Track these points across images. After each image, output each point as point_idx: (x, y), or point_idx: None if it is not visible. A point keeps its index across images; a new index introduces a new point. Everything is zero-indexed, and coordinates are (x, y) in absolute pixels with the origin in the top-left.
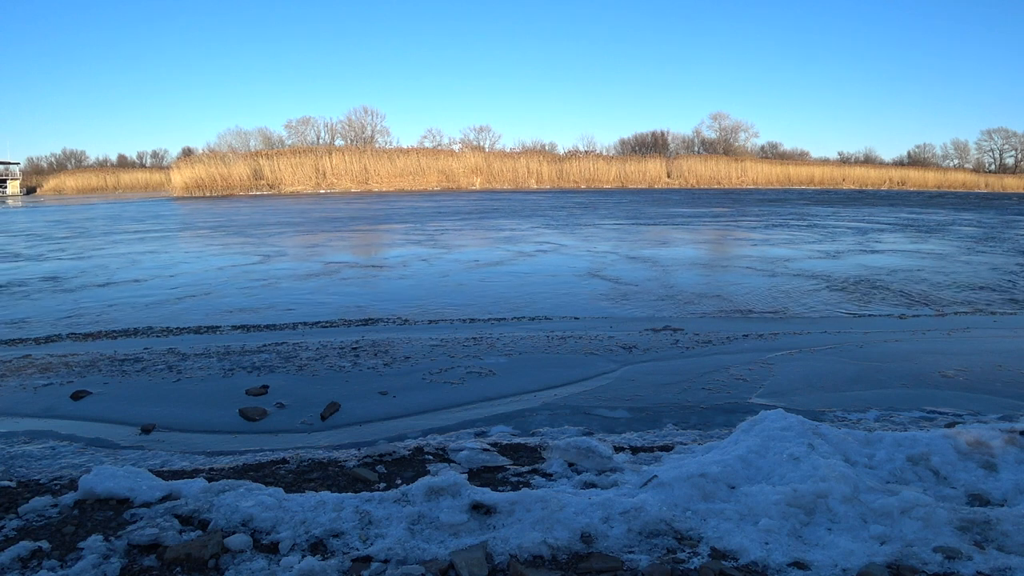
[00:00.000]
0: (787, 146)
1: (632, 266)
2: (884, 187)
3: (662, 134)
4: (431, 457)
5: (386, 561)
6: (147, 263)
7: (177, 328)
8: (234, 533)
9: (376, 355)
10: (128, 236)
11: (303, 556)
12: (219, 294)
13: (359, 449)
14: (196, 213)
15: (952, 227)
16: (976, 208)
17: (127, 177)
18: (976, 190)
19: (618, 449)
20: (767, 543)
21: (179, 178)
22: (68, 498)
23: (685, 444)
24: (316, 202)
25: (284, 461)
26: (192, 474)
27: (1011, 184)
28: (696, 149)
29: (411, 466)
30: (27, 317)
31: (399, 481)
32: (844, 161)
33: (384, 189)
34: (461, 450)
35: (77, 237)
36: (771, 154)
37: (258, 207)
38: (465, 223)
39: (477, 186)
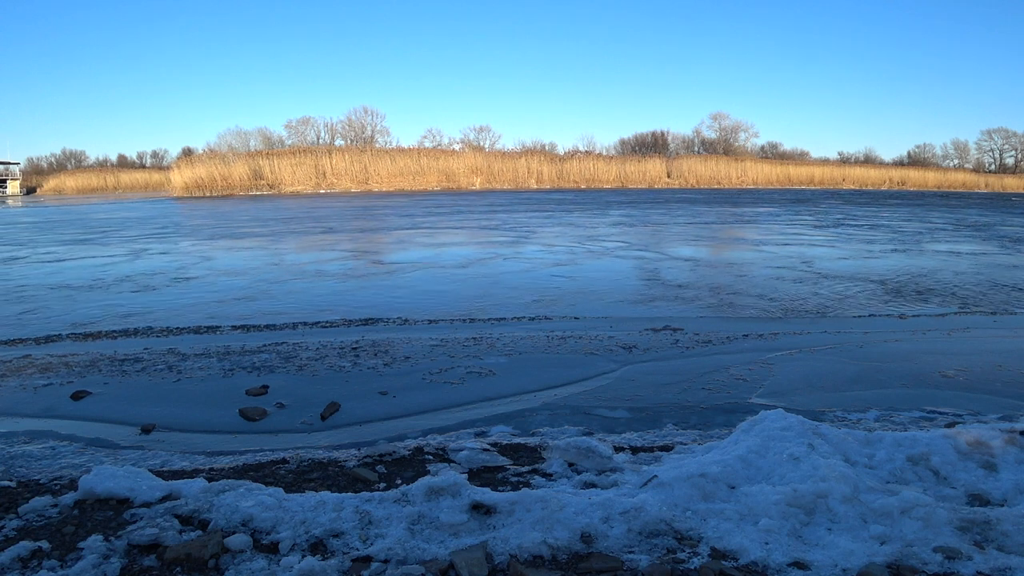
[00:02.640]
0: (787, 146)
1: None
2: (884, 187)
3: (662, 134)
4: (431, 457)
5: (386, 561)
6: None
7: (177, 328)
8: (234, 533)
9: (376, 355)
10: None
11: (303, 556)
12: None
13: (359, 449)
14: (251, 211)
15: (999, 227)
16: (1004, 208)
17: (126, 177)
18: (976, 190)
19: (618, 449)
20: (767, 543)
21: (179, 178)
22: (68, 498)
23: (685, 444)
24: (348, 200)
25: (284, 461)
26: (192, 474)
27: (1011, 184)
28: (696, 149)
29: (411, 466)
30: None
31: (399, 481)
32: (844, 161)
33: (384, 189)
34: (461, 450)
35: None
36: (771, 154)
37: (307, 205)
38: (534, 217)
39: (477, 186)
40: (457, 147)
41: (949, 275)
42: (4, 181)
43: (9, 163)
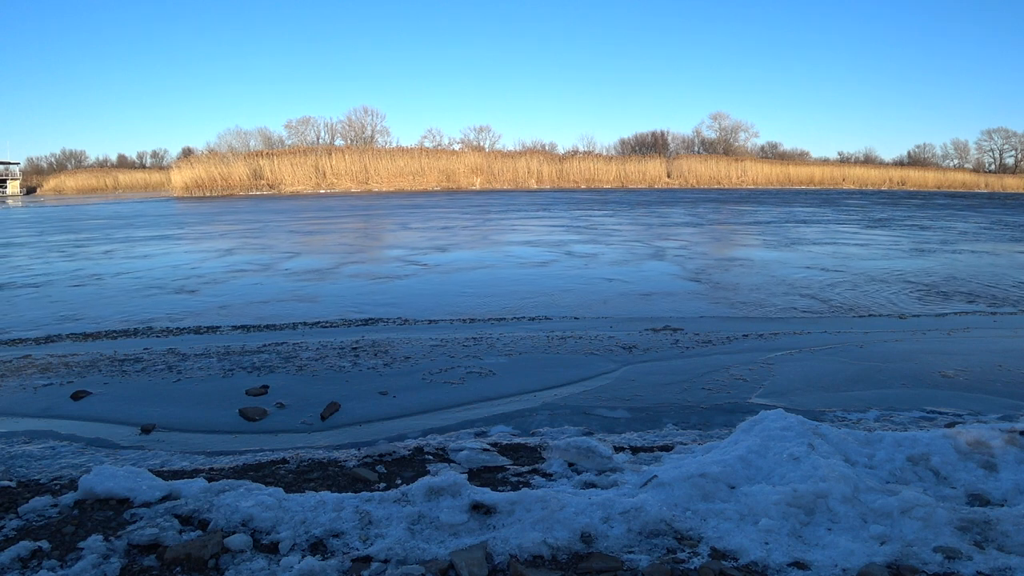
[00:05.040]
0: (787, 146)
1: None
2: (884, 187)
3: (662, 134)
4: (431, 457)
5: (386, 561)
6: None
7: (177, 328)
8: (234, 533)
9: (376, 355)
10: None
11: (303, 556)
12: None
13: (359, 449)
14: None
15: None
16: (1018, 208)
17: (126, 177)
18: (976, 190)
19: (618, 449)
20: (767, 543)
21: (179, 178)
22: (68, 498)
23: (685, 444)
24: (378, 199)
25: (284, 461)
26: (192, 474)
27: (1011, 184)
28: (696, 149)
29: (411, 466)
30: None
31: (399, 481)
32: (844, 161)
33: (384, 189)
34: (461, 450)
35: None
36: (771, 154)
37: (351, 204)
38: (594, 215)
39: (477, 186)
40: (457, 147)
41: None
42: (4, 181)
43: (9, 163)
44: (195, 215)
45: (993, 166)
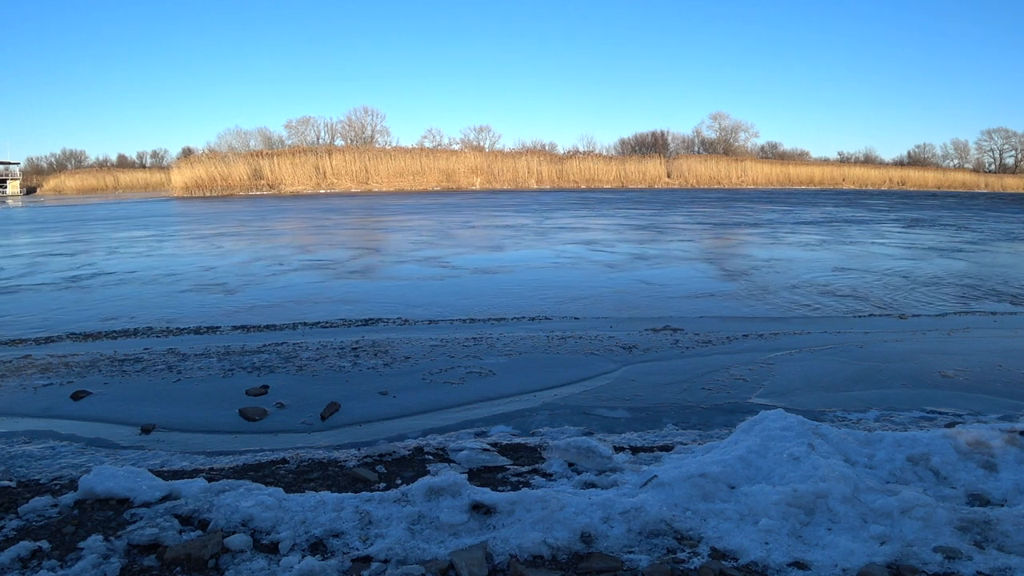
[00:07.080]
0: (787, 146)
1: None
2: (884, 187)
3: (662, 134)
4: (431, 457)
5: (386, 561)
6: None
7: (177, 328)
8: (234, 533)
9: (376, 355)
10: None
11: (303, 556)
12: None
13: (359, 449)
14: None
15: None
16: None
17: (126, 177)
18: (976, 190)
19: (618, 449)
20: (767, 543)
21: (179, 178)
22: (68, 498)
23: (685, 444)
24: (398, 199)
25: (284, 461)
26: (192, 474)
27: (1011, 184)
28: (696, 149)
29: (411, 466)
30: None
31: (399, 481)
32: (844, 161)
33: (384, 189)
34: (461, 450)
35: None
36: (771, 154)
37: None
38: (640, 214)
39: (477, 186)
40: (457, 147)
41: None
42: (4, 181)
43: (9, 163)
44: (249, 213)
45: (993, 166)
